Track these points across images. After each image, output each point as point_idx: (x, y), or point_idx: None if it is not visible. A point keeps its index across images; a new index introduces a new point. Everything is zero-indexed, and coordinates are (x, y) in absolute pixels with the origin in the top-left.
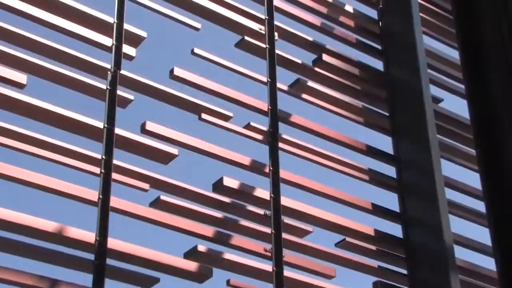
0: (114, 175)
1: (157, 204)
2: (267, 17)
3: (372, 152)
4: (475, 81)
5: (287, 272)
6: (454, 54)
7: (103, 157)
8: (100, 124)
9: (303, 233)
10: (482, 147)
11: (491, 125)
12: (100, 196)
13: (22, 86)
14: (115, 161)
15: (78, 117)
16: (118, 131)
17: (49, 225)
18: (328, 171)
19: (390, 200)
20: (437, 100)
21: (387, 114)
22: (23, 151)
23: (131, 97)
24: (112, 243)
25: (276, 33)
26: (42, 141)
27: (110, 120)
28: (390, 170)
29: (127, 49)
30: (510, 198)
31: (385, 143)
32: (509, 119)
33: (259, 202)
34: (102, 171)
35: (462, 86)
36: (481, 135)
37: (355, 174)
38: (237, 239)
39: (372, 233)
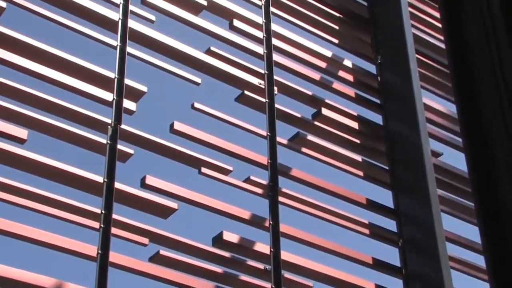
0: (114, 230)
1: (156, 258)
2: (266, 72)
3: (372, 206)
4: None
5: None
6: (453, 108)
7: (103, 211)
8: (100, 179)
9: None
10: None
11: (489, 178)
12: (99, 251)
13: (22, 141)
14: (114, 216)
15: (77, 171)
16: (118, 185)
17: (47, 281)
18: (329, 225)
19: (391, 255)
20: (436, 154)
21: (387, 168)
22: (22, 206)
23: (131, 151)
24: None
25: (275, 88)
26: (41, 196)
27: (110, 174)
28: (390, 224)
29: (127, 103)
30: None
31: (385, 197)
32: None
33: (260, 256)
34: (102, 225)
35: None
36: (479, 188)
37: (356, 228)
38: None
39: None
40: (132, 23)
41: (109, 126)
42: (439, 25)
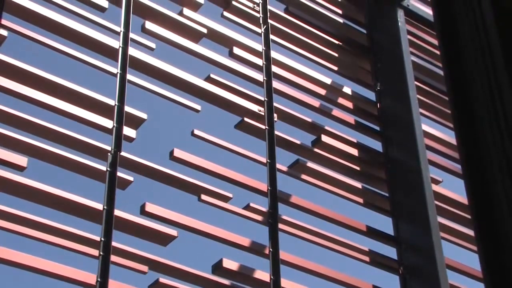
0: (113, 257)
1: (156, 286)
2: (266, 99)
3: (372, 233)
4: (471, 162)
5: None
6: (452, 135)
7: (102, 239)
8: (99, 206)
9: None
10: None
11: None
12: (99, 279)
13: (22, 169)
14: (114, 243)
15: (77, 199)
16: (117, 212)
17: None
18: (329, 252)
19: (391, 282)
20: (436, 181)
21: (386, 195)
22: (21, 233)
23: (131, 178)
24: None
25: (275, 115)
26: (40, 224)
27: (110, 201)
28: (391, 251)
29: (127, 130)
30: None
31: (385, 223)
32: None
33: (259, 284)
34: (101, 253)
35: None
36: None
37: (356, 255)
38: None
39: None
40: (132, 51)
41: (109, 153)
42: (438, 52)
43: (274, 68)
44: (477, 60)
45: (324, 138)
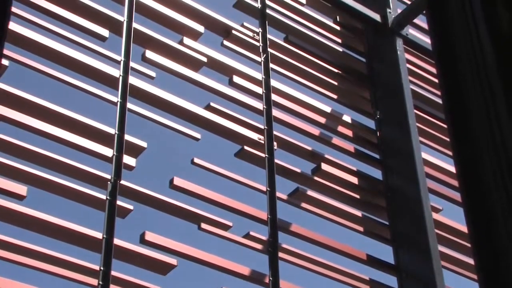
0: (112, 287)
1: None
2: (266, 127)
3: (372, 261)
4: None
5: None
6: (452, 163)
7: (102, 268)
8: (99, 235)
9: None
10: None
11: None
12: None
13: (21, 198)
14: (113, 273)
15: (76, 227)
16: (117, 241)
17: None
18: (329, 281)
19: None
20: (436, 209)
21: (387, 223)
22: (20, 263)
23: (130, 207)
24: None
25: (275, 143)
26: (39, 253)
27: (109, 230)
28: (391, 280)
29: (127, 159)
30: None
31: (385, 252)
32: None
33: None
34: (100, 282)
35: None
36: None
37: (356, 284)
38: None
39: None
40: (132, 80)
41: (108, 182)
42: (437, 80)
43: (274, 97)
44: (476, 88)
45: (324, 166)
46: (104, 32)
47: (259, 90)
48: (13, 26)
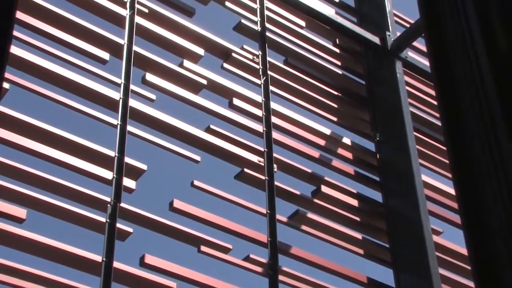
0: None
1: None
2: (266, 150)
3: (373, 284)
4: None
5: None
6: (452, 186)
7: None
8: (98, 258)
9: None
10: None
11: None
12: None
13: (21, 221)
14: None
15: (76, 251)
16: (116, 264)
17: None
18: None
19: None
20: (437, 232)
21: (387, 245)
22: (20, 287)
23: (130, 229)
24: None
25: (275, 165)
26: (38, 276)
27: (109, 253)
28: None
29: (127, 181)
30: None
31: (386, 275)
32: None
33: None
34: None
35: None
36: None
37: None
38: None
39: None
40: (133, 102)
41: (108, 205)
42: (436, 103)
43: (274, 119)
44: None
45: (324, 188)
46: (105, 55)
47: (259, 112)
48: (13, 49)
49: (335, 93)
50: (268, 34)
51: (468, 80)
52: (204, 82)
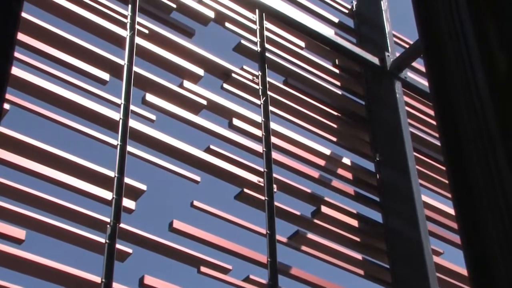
0: None
1: None
2: (265, 170)
3: None
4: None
5: None
6: (452, 206)
7: None
8: (97, 279)
9: None
10: None
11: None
12: None
13: (20, 242)
14: None
15: (75, 272)
16: (116, 285)
17: None
18: None
19: None
20: (437, 252)
21: (387, 266)
22: None
23: (130, 250)
24: None
25: (275, 186)
26: None
27: (108, 274)
28: None
29: (127, 202)
30: None
31: None
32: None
33: None
34: None
35: None
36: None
37: None
38: None
39: None
40: (132, 123)
41: (108, 225)
42: (435, 123)
43: (274, 139)
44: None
45: (324, 209)
46: (105, 76)
47: (258, 132)
48: (14, 70)
49: (335, 113)
50: (267, 54)
51: (466, 101)
52: (204, 102)
